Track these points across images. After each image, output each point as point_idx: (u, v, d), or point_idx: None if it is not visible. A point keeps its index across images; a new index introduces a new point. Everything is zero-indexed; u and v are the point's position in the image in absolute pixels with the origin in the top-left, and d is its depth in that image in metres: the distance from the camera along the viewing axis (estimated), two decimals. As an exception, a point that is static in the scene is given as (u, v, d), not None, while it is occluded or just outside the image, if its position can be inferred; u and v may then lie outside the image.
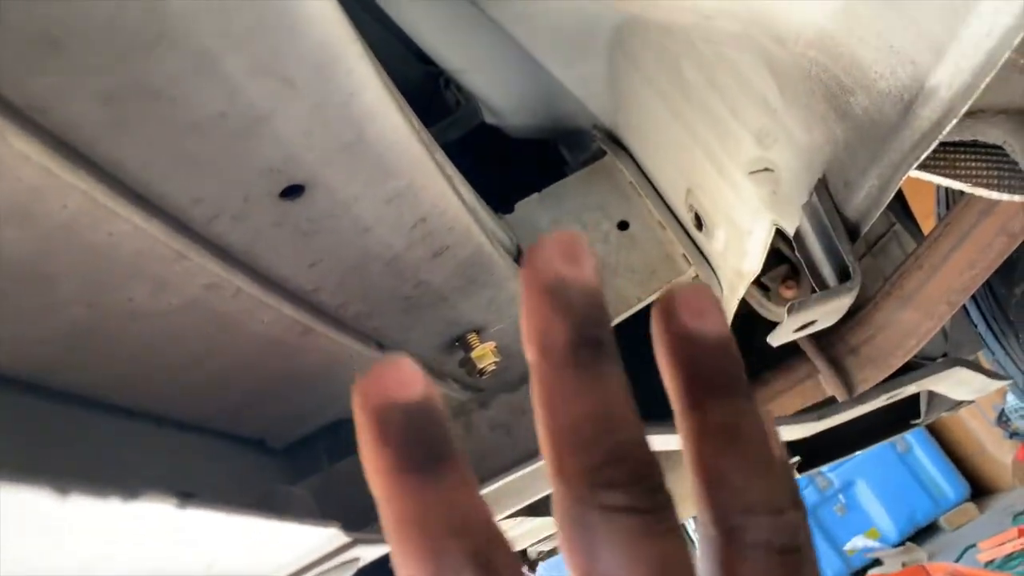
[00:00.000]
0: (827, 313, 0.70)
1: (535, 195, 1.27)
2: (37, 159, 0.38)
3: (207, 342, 0.57)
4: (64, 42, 0.36)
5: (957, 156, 0.75)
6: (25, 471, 0.21)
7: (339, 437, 0.79)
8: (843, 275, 0.71)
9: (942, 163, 0.76)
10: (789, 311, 0.67)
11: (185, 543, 0.37)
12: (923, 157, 0.60)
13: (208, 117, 0.44)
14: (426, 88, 1.52)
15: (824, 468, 4.53)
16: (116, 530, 0.31)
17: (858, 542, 4.40)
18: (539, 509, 0.85)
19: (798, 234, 0.79)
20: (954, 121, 0.57)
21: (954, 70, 0.54)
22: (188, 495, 0.30)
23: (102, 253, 0.44)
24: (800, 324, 0.71)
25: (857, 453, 1.91)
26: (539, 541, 0.93)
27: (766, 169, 0.83)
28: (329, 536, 0.45)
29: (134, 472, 0.53)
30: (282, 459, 0.77)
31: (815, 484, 4.47)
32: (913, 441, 4.45)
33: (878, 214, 0.68)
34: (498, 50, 1.20)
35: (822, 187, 0.72)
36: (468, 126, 1.43)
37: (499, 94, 1.30)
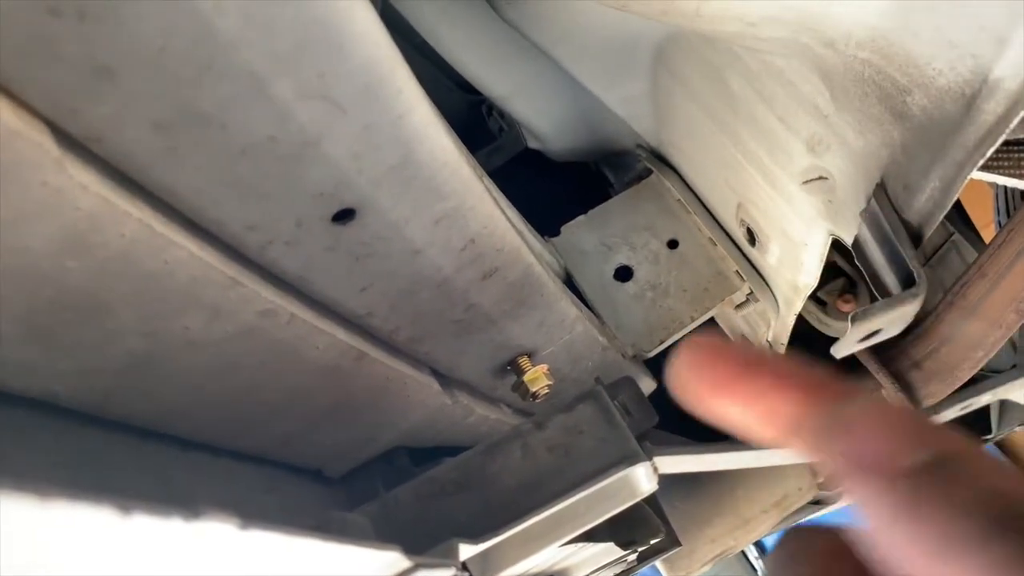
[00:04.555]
0: (893, 321, 0.67)
1: (581, 217, 1.26)
2: (95, 188, 0.38)
3: (262, 370, 0.57)
4: (117, 71, 0.36)
5: (1023, 155, 0.73)
6: (88, 489, 0.20)
7: (394, 464, 0.78)
8: (907, 282, 0.69)
9: (1006, 163, 0.73)
10: (853, 320, 0.65)
11: (240, 570, 0.37)
12: (988, 155, 0.58)
13: (258, 142, 0.44)
14: (469, 116, 1.53)
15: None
16: (173, 559, 0.30)
17: (929, 567, 4.23)
18: (598, 534, 0.83)
19: (857, 243, 0.77)
20: (1021, 115, 0.54)
21: (1019, 61, 0.52)
22: (250, 518, 0.29)
23: (158, 281, 0.45)
24: (865, 334, 0.68)
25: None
26: (600, 568, 0.90)
27: (820, 178, 0.81)
28: (390, 561, 0.44)
29: (191, 500, 0.53)
30: (339, 488, 0.76)
31: (880, 507, 4.32)
32: (982, 460, 4.28)
33: (942, 217, 0.66)
34: (540, 74, 1.20)
35: (881, 192, 0.69)
36: (512, 152, 1.43)
37: (542, 118, 1.30)
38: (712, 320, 1.28)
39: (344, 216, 0.53)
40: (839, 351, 0.73)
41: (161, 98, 0.39)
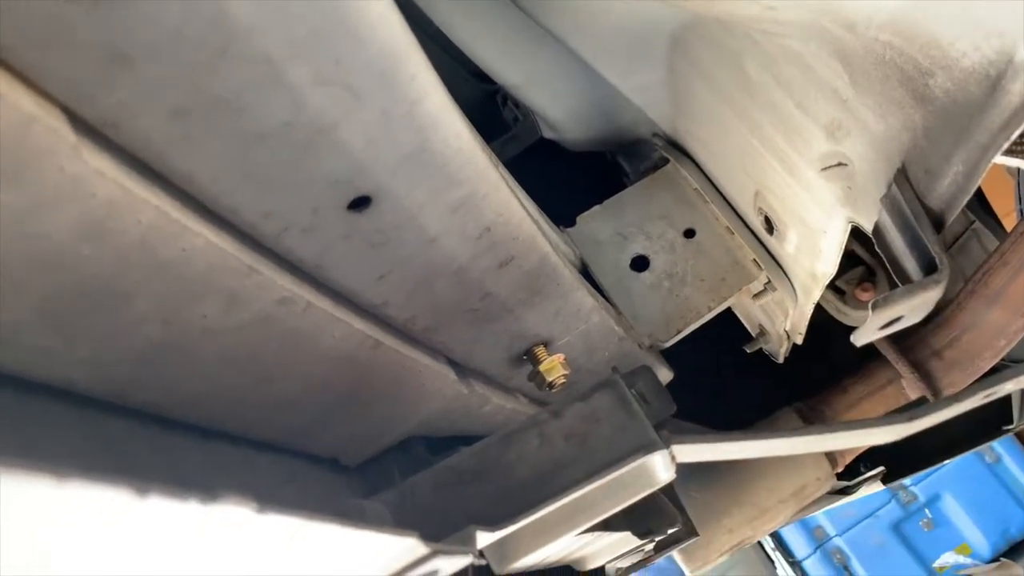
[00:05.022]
0: (914, 308, 0.66)
1: (596, 207, 1.25)
2: (111, 175, 0.38)
3: (280, 358, 0.57)
4: (133, 57, 0.36)
5: (1048, 138, 0.71)
6: (106, 471, 0.20)
7: (410, 453, 0.78)
8: (929, 268, 0.68)
9: (1031, 147, 0.72)
10: (874, 306, 0.64)
11: (260, 559, 0.37)
12: (1013, 137, 0.57)
13: (274, 128, 0.44)
14: (484, 106, 1.52)
15: (907, 481, 4.34)
16: (190, 543, 0.30)
17: (948, 558, 4.21)
18: (615, 524, 0.83)
19: (877, 229, 0.76)
20: (1047, 96, 0.53)
21: (1045, 40, 0.51)
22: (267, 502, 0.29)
23: (175, 269, 0.45)
24: (886, 320, 0.67)
25: (943, 463, 1.82)
26: (617, 557, 0.90)
27: (839, 164, 0.80)
28: (408, 547, 0.44)
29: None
30: (356, 476, 0.76)
31: (898, 498, 4.29)
32: (1002, 451, 4.25)
33: (965, 202, 0.64)
34: (556, 63, 1.19)
35: (902, 177, 0.68)
36: (527, 142, 1.43)
37: (558, 107, 1.30)
38: (729, 309, 1.27)
39: (360, 204, 0.53)
40: (859, 339, 0.72)
41: (177, 84, 0.39)
